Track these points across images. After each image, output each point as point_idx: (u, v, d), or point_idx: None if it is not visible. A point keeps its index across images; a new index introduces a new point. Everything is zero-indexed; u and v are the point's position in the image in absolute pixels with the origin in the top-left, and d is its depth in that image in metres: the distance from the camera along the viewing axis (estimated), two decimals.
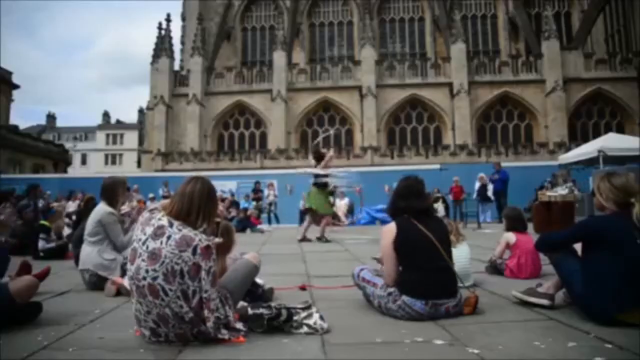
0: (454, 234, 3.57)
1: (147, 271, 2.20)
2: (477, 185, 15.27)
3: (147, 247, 2.23)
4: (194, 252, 2.20)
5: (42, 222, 6.79)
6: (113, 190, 4.15)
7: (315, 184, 8.46)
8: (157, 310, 2.20)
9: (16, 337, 2.39)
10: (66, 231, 7.86)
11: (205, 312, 2.21)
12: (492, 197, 15.03)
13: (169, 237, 2.22)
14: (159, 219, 2.29)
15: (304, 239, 8.32)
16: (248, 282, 2.78)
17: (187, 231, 2.24)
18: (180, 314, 2.19)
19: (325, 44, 38.22)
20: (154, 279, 2.18)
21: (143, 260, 2.22)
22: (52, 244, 6.45)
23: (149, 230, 2.27)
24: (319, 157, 8.69)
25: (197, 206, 2.33)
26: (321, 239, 8.29)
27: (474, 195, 14.86)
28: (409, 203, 2.86)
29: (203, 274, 2.21)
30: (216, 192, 2.52)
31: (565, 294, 2.94)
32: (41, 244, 6.38)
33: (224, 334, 2.26)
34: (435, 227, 2.82)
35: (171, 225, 2.26)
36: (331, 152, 9.02)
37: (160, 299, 2.18)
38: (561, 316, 2.70)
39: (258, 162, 30.64)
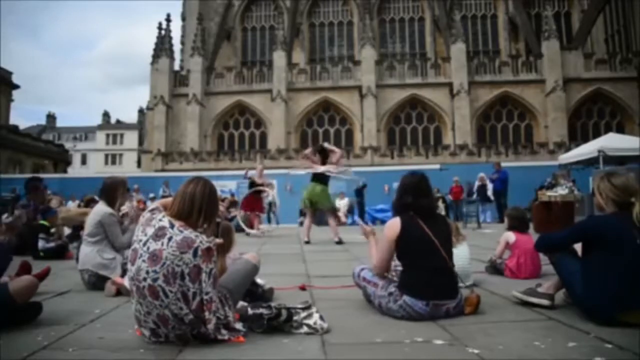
0: (454, 234, 3.57)
1: (147, 272, 2.19)
2: (477, 184, 15.27)
3: (148, 248, 2.22)
4: (195, 254, 2.20)
5: (42, 222, 6.77)
6: (113, 191, 4.15)
7: (319, 180, 8.22)
8: (157, 311, 2.20)
9: (16, 337, 2.39)
10: (66, 231, 7.86)
11: (206, 313, 2.21)
12: (492, 197, 15.03)
13: (170, 239, 2.21)
14: (160, 220, 2.29)
15: (309, 241, 8.12)
16: (247, 281, 2.77)
17: (188, 232, 2.24)
18: (180, 315, 2.19)
19: (325, 44, 38.24)
20: (155, 280, 2.18)
21: (144, 261, 2.21)
22: (52, 244, 6.44)
23: (150, 231, 2.26)
24: (324, 154, 8.42)
25: (198, 207, 2.33)
26: (340, 241, 7.91)
27: (474, 195, 14.85)
28: (416, 201, 2.84)
29: (204, 276, 2.21)
30: (217, 192, 2.51)
31: (565, 294, 2.94)
32: (41, 243, 6.37)
33: (224, 334, 2.26)
34: (439, 227, 2.81)
35: (172, 226, 2.26)
36: (340, 151, 8.75)
37: (160, 300, 2.18)
38: (561, 316, 2.70)
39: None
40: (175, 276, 2.17)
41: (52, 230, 6.77)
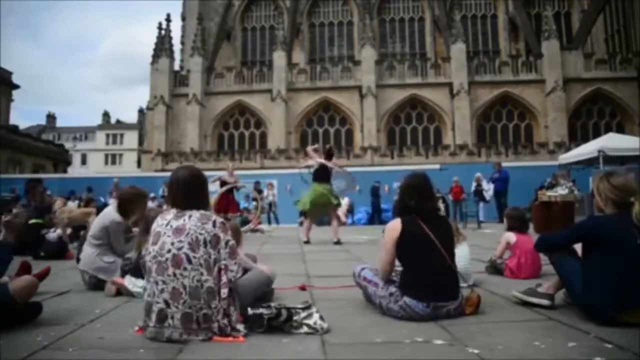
0: (454, 234, 3.56)
1: (172, 244, 2.33)
2: (474, 185, 15.27)
3: (172, 227, 2.39)
4: (214, 225, 2.40)
5: (35, 219, 6.67)
6: (130, 203, 4.06)
7: (321, 180, 8.23)
8: (173, 284, 2.28)
9: (16, 337, 2.39)
10: (68, 231, 7.86)
11: (223, 278, 2.34)
12: (490, 197, 15.01)
13: (190, 216, 2.41)
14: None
15: (308, 241, 8.15)
16: (259, 291, 2.88)
17: (204, 212, 2.46)
18: (200, 281, 2.29)
19: (325, 44, 38.22)
20: (179, 249, 2.32)
21: (168, 236, 2.36)
22: (54, 234, 6.38)
23: (170, 215, 2.45)
24: (330, 156, 8.54)
25: (196, 192, 2.51)
26: (339, 242, 7.95)
27: (471, 195, 14.85)
28: (418, 203, 2.82)
29: (222, 244, 2.39)
30: (203, 174, 2.64)
31: (565, 294, 2.95)
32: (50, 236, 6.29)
33: (227, 329, 2.30)
34: (440, 228, 2.80)
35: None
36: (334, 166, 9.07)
37: (182, 269, 2.29)
38: (561, 316, 2.70)
39: (258, 162, 30.62)
40: (199, 244, 2.34)
41: (52, 229, 6.76)
